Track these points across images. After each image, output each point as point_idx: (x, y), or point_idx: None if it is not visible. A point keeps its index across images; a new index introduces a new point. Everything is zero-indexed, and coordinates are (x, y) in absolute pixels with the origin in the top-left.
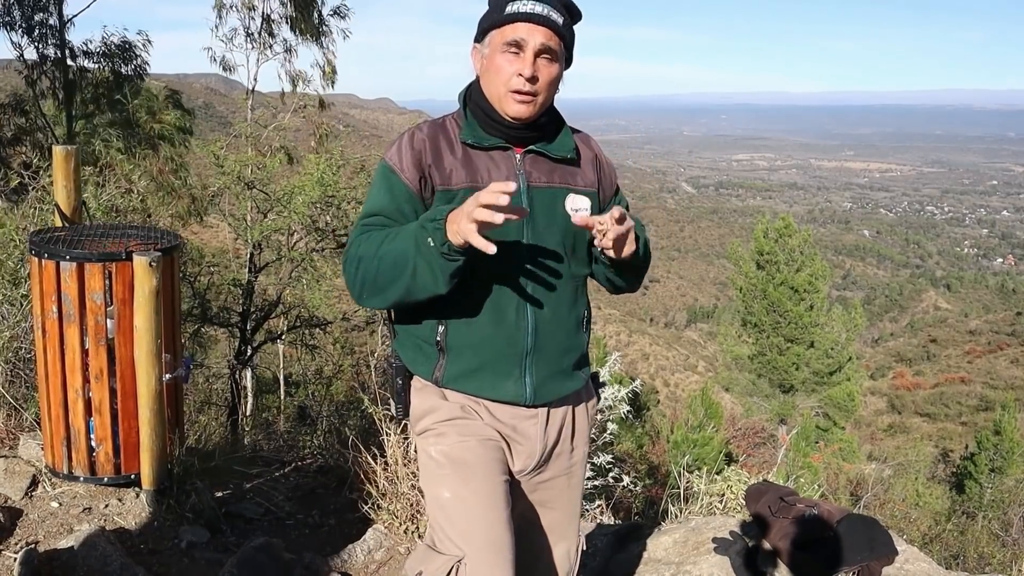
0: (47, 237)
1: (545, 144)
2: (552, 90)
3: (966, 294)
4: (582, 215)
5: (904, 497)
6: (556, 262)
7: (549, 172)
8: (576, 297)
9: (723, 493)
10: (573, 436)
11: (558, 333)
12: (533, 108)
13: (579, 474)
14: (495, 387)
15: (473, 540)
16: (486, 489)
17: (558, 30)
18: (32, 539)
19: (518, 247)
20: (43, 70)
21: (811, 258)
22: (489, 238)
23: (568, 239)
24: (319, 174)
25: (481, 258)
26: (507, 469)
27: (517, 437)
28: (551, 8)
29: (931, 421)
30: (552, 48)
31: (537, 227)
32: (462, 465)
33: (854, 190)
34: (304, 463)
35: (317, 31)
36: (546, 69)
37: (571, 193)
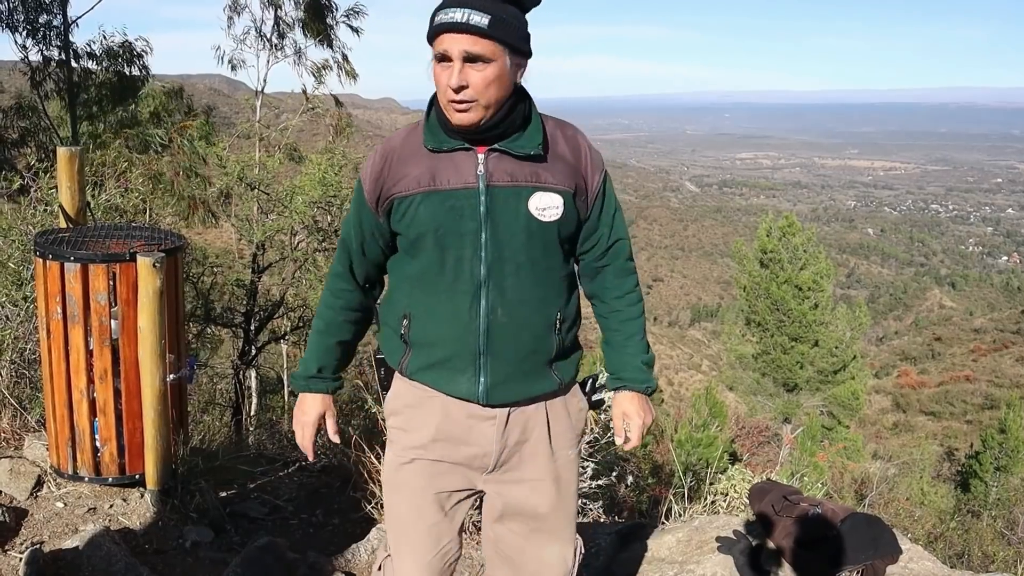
0: (52, 238)
1: (509, 141)
2: (494, 91)
3: (971, 292)
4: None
5: (909, 496)
6: (516, 263)
7: (513, 170)
8: (546, 298)
9: (727, 492)
10: (551, 439)
11: (519, 335)
12: (475, 115)
13: (568, 477)
14: (449, 382)
15: (397, 545)
16: (411, 504)
17: (483, 32)
18: (37, 539)
19: (475, 248)
20: (47, 72)
21: (815, 256)
22: (448, 232)
23: (534, 239)
24: (320, 174)
25: (438, 256)
26: (444, 482)
27: (469, 437)
28: (472, 11)
29: (936, 420)
30: (478, 53)
31: (497, 227)
32: (400, 477)
33: (858, 188)
34: (308, 463)
35: (328, 34)
36: (477, 75)
37: (537, 192)
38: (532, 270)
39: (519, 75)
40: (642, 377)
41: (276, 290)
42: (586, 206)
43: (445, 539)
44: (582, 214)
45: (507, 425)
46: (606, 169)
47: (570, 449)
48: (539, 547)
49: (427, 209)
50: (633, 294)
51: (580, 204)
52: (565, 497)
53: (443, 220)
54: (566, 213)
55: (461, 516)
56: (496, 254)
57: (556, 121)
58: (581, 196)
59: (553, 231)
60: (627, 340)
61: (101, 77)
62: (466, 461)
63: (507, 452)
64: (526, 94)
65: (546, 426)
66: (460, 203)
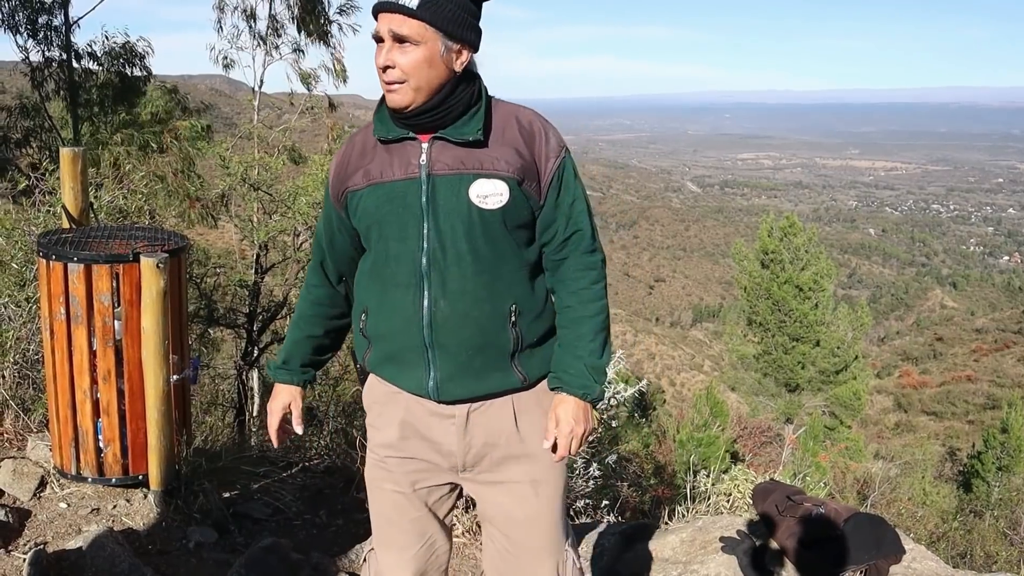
0: (55, 239)
1: (452, 128)
2: (423, 74)
3: (972, 292)
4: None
5: (911, 496)
6: (458, 252)
7: (455, 158)
8: (494, 290)
9: (730, 492)
10: (522, 439)
11: (463, 327)
12: (403, 96)
13: (548, 482)
14: (403, 377)
15: (379, 539)
16: (390, 500)
17: (409, 13)
18: (41, 540)
19: (417, 239)
20: (48, 72)
21: (816, 257)
22: (392, 224)
23: (476, 228)
24: (323, 175)
25: (384, 249)
26: (421, 478)
27: (432, 434)
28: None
29: (938, 419)
30: (404, 34)
31: (439, 217)
32: (378, 475)
33: (859, 188)
34: (311, 463)
35: (324, 31)
36: (403, 55)
37: (480, 179)
38: (475, 261)
39: (457, 61)
40: (582, 382)
41: (279, 291)
42: (539, 193)
43: (429, 531)
44: (534, 202)
45: (468, 424)
46: (567, 156)
47: (550, 455)
48: (517, 559)
49: (372, 201)
50: (589, 291)
51: (531, 191)
52: (545, 503)
53: (386, 212)
54: (512, 200)
55: (446, 508)
56: (438, 244)
57: (513, 107)
58: (531, 182)
59: (497, 219)
60: (576, 340)
61: (102, 78)
62: (436, 459)
63: (474, 453)
64: (474, 80)
65: (514, 425)
66: (403, 194)
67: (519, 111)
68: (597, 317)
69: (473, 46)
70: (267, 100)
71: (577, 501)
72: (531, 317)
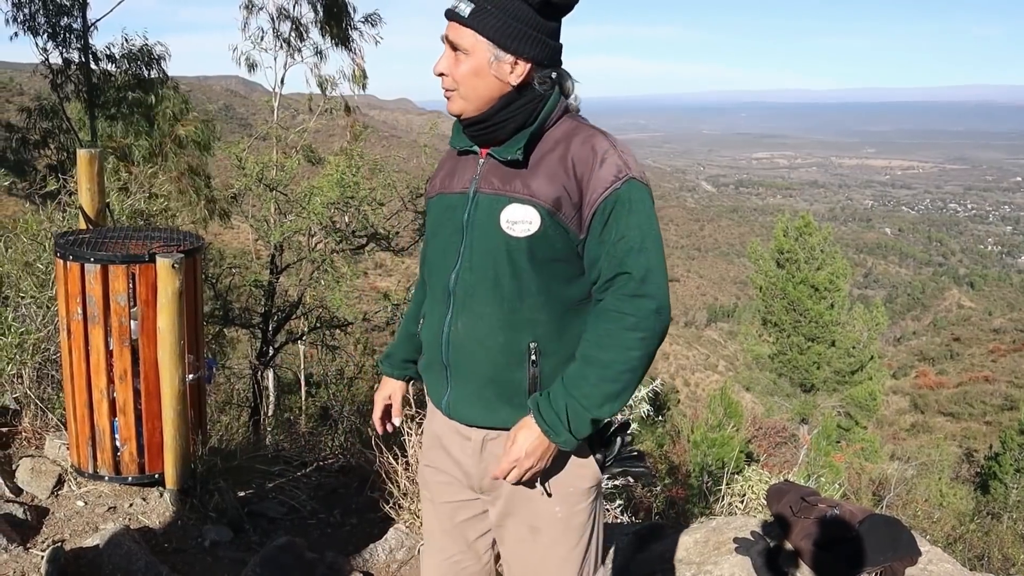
0: (72, 239)
1: (500, 147)
2: (472, 84)
3: (990, 292)
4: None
5: (927, 497)
6: (485, 277)
7: (497, 177)
8: (513, 323)
9: (744, 493)
10: (536, 483)
11: (476, 353)
12: (455, 105)
13: (551, 535)
14: (431, 388)
15: (425, 537)
16: (427, 506)
17: (462, 21)
18: (58, 537)
19: (455, 255)
20: (68, 74)
21: (832, 256)
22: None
23: (503, 255)
24: (339, 175)
25: (432, 259)
26: (448, 492)
27: (452, 450)
28: (464, 0)
29: (955, 420)
30: (455, 42)
31: (474, 237)
32: (421, 480)
33: (875, 188)
34: (326, 463)
35: (346, 36)
36: (455, 64)
37: (513, 203)
38: (496, 288)
39: (512, 74)
40: (553, 420)
41: (293, 291)
42: (579, 225)
43: (466, 542)
44: (573, 235)
45: (483, 451)
46: (624, 188)
47: (557, 505)
48: None
49: (434, 212)
50: (613, 336)
51: (569, 222)
52: (544, 552)
53: (441, 222)
54: (543, 230)
55: (477, 531)
56: (468, 264)
57: (577, 127)
58: (571, 213)
59: (523, 248)
60: (579, 379)
61: (120, 80)
62: (458, 475)
63: (489, 480)
64: (539, 97)
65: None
66: (454, 208)
67: (582, 132)
68: (611, 368)
69: (534, 59)
70: (283, 101)
71: None
72: (557, 359)
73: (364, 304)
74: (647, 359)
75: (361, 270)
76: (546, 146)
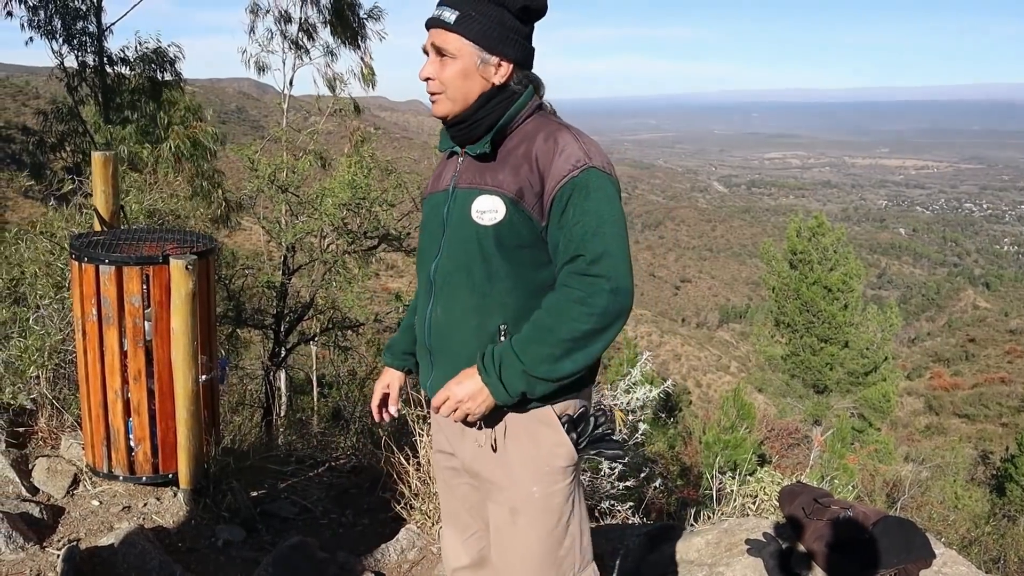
0: (87, 241)
1: (473, 144)
2: (459, 86)
3: (1006, 292)
4: None
5: (942, 499)
6: (458, 264)
7: (472, 172)
8: (483, 306)
9: (756, 494)
10: (506, 464)
11: (452, 336)
12: (442, 107)
13: (530, 516)
14: (421, 373)
15: (443, 517)
16: (441, 486)
17: (447, 27)
18: (74, 536)
19: (437, 248)
20: (83, 77)
21: (845, 257)
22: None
23: (472, 243)
24: (350, 176)
25: (420, 252)
26: (451, 475)
27: (445, 431)
28: (446, 8)
29: (970, 422)
30: (441, 47)
31: (451, 229)
32: (435, 463)
33: (889, 188)
34: (338, 463)
35: (355, 35)
36: (441, 68)
37: (483, 194)
38: (469, 274)
39: (497, 75)
40: (491, 367)
41: (306, 292)
42: (541, 212)
43: (483, 519)
44: (536, 221)
45: (463, 432)
46: (583, 176)
47: (534, 485)
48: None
49: (425, 210)
50: (560, 304)
51: (531, 209)
52: (523, 534)
53: (428, 220)
54: (508, 218)
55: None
56: (447, 255)
57: (545, 123)
58: (533, 200)
59: (491, 236)
60: (523, 338)
61: (134, 83)
62: (450, 455)
63: (468, 464)
64: (512, 95)
65: (503, 450)
66: (438, 205)
67: (546, 125)
68: (552, 334)
69: (516, 61)
70: (294, 103)
71: (602, 502)
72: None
73: (375, 305)
74: (595, 335)
75: (372, 271)
76: (512, 142)
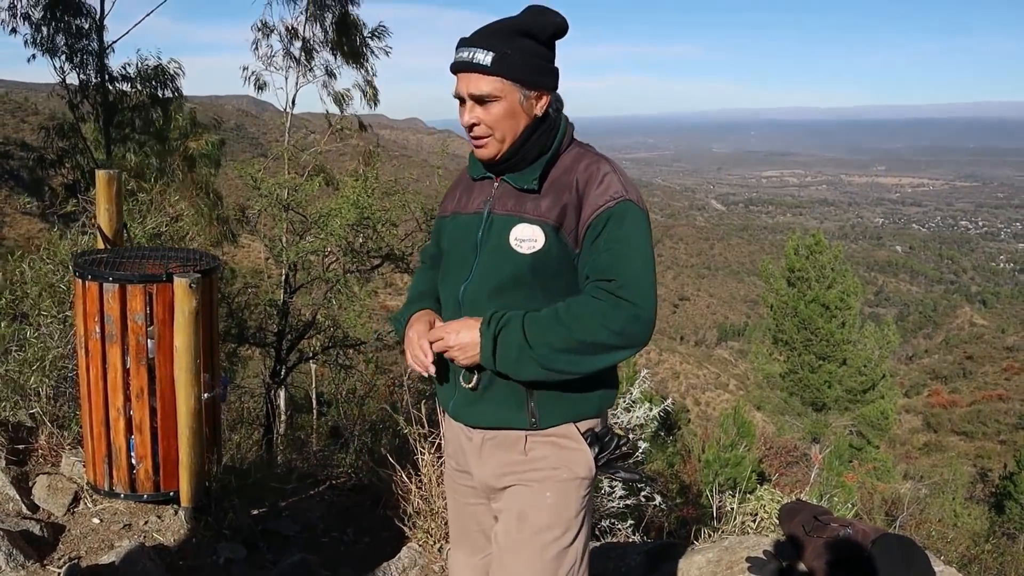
0: (90, 259)
1: (516, 174)
2: (506, 126)
3: (1002, 310)
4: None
5: (941, 517)
6: (492, 290)
7: (509, 200)
8: None
9: (756, 512)
10: (525, 470)
11: None
12: (491, 149)
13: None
14: (440, 392)
15: (452, 538)
16: (454, 506)
17: (486, 70)
18: (74, 554)
19: (467, 270)
20: (85, 94)
21: (842, 274)
22: (456, 252)
23: (508, 269)
24: (355, 196)
25: (446, 272)
26: (465, 494)
27: (459, 452)
28: (477, 50)
29: (968, 439)
30: (483, 93)
31: (485, 254)
32: (446, 482)
33: (886, 205)
34: (338, 481)
35: (358, 54)
36: (484, 113)
37: (522, 223)
38: (502, 298)
39: (538, 106)
40: (494, 320)
41: (307, 310)
42: (576, 240)
43: (489, 545)
44: (570, 250)
45: (482, 451)
46: (618, 208)
47: (548, 490)
48: None
49: (449, 230)
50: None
51: (568, 238)
52: (527, 541)
53: (456, 241)
54: (547, 248)
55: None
56: (479, 278)
57: (585, 153)
58: (570, 228)
59: (527, 264)
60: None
61: (135, 100)
62: (469, 474)
63: (488, 484)
64: (553, 124)
65: (523, 454)
66: (469, 227)
67: (588, 158)
68: (566, 327)
69: (551, 88)
70: (295, 121)
71: (602, 520)
72: None
73: (376, 323)
74: (603, 350)
75: (373, 288)
76: (557, 172)
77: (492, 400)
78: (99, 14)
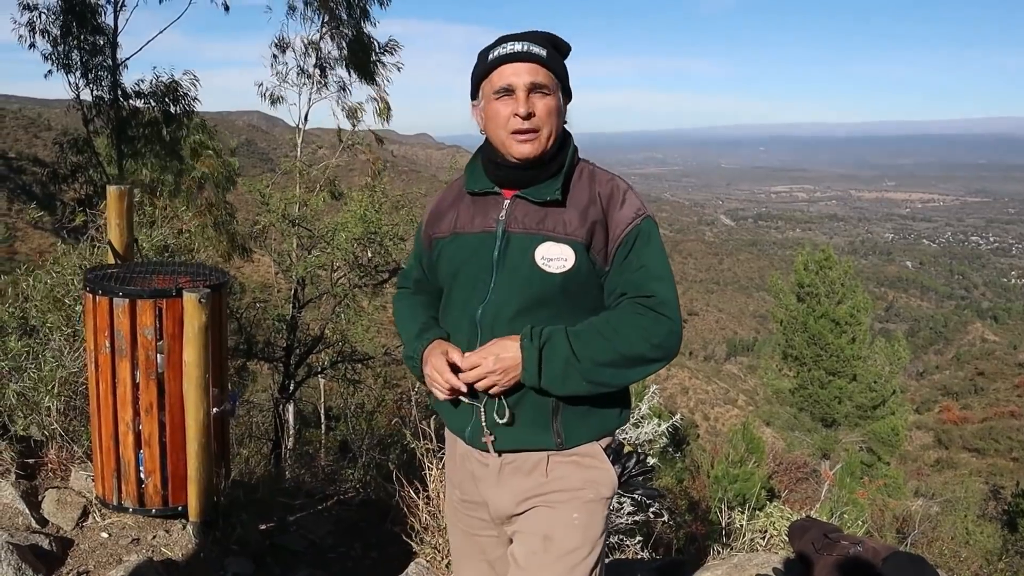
0: (101, 274)
1: (533, 188)
2: (555, 122)
3: (1014, 325)
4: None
5: (953, 535)
6: (515, 310)
7: (530, 217)
8: None
9: (765, 529)
10: (549, 483)
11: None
12: (538, 145)
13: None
14: (451, 418)
15: (455, 570)
16: (459, 539)
17: (544, 63)
18: (83, 569)
19: (484, 291)
20: (99, 110)
21: (852, 290)
22: (465, 274)
23: (534, 289)
24: (362, 211)
25: (454, 294)
26: (472, 523)
27: (471, 478)
28: (531, 43)
29: (980, 456)
30: (541, 82)
31: (504, 273)
32: (450, 515)
33: (896, 221)
34: (346, 496)
35: (370, 71)
36: (542, 102)
37: (548, 241)
38: (528, 317)
39: (565, 113)
40: (537, 335)
41: (315, 325)
42: (605, 258)
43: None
44: (599, 268)
45: (500, 474)
46: (642, 224)
47: (575, 512)
48: None
49: (452, 251)
50: (621, 318)
51: (597, 256)
52: (551, 563)
53: (464, 263)
54: (576, 267)
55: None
56: (499, 298)
57: (595, 169)
58: (599, 248)
59: (556, 283)
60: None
61: (147, 116)
62: (479, 504)
63: (505, 510)
64: (567, 137)
65: (544, 474)
66: (479, 246)
67: (601, 174)
68: (610, 339)
69: (568, 102)
70: (305, 136)
71: (611, 536)
72: None
73: (384, 338)
74: (642, 363)
75: (381, 303)
76: (575, 186)
77: (520, 422)
78: (113, 31)
